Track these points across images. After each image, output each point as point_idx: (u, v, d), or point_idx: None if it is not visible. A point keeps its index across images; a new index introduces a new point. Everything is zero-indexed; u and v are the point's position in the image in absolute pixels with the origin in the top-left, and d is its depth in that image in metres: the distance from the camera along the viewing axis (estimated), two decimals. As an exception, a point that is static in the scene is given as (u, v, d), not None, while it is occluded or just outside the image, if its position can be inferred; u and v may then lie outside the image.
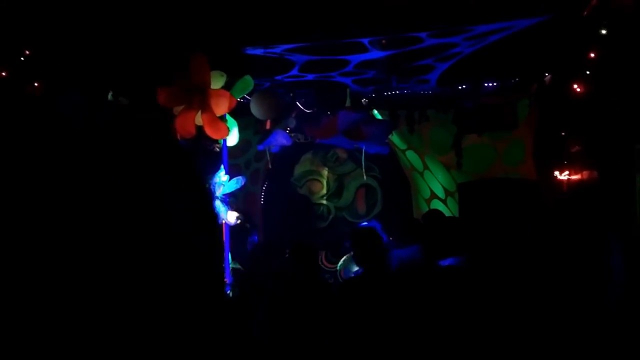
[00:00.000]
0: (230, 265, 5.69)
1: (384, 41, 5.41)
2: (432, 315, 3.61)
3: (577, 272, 4.90)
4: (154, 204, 1.99)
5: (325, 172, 8.34)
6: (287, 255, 4.15)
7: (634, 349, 3.99)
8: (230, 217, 5.65)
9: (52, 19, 4.18)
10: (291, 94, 7.00)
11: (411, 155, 7.73)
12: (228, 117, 5.53)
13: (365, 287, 3.56)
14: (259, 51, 5.57)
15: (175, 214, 2.05)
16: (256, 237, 7.27)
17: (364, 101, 7.00)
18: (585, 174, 5.91)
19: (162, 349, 1.84)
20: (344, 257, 7.14)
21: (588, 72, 5.40)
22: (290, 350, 3.59)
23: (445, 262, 4.22)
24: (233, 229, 5.83)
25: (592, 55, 5.20)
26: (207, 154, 5.79)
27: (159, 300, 1.91)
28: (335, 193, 8.31)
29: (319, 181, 8.36)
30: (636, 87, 4.82)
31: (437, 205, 7.49)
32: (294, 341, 3.61)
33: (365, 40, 5.31)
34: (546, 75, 6.18)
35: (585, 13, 4.83)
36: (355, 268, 5.84)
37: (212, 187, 5.47)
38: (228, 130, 5.31)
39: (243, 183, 5.91)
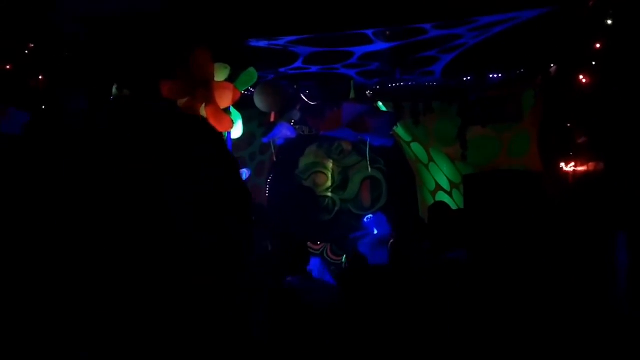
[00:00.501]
0: None
1: (388, 32, 5.38)
2: (437, 307, 3.61)
3: (581, 266, 4.88)
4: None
5: (330, 164, 8.33)
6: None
7: (636, 345, 3.98)
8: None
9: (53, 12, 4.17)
10: (295, 86, 6.99)
11: (416, 148, 7.71)
12: (232, 109, 5.53)
13: (367, 280, 3.57)
14: (262, 43, 5.56)
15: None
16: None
17: (369, 93, 6.98)
18: (592, 165, 5.87)
19: (162, 346, 1.85)
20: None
21: (594, 63, 5.35)
22: (290, 350, 3.59)
23: (451, 255, 4.22)
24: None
25: (598, 45, 5.16)
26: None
27: (164, 297, 1.92)
28: (340, 185, 8.30)
29: (324, 174, 8.35)
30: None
31: (442, 197, 7.48)
32: (293, 341, 3.60)
33: (369, 32, 5.29)
34: (552, 67, 6.14)
35: (591, 3, 4.79)
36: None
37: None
38: (232, 122, 5.31)
39: (248, 176, 5.92)
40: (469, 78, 6.60)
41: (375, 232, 7.46)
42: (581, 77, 5.45)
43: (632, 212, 4.87)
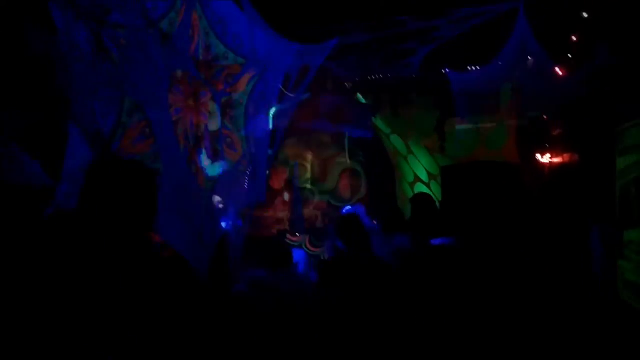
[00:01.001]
0: None
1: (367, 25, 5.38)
2: (427, 293, 3.62)
3: (558, 255, 4.96)
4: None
5: (309, 156, 8.31)
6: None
7: (609, 331, 4.06)
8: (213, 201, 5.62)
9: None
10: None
11: (395, 140, 7.74)
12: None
13: (351, 270, 3.57)
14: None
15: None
16: (240, 222, 7.24)
17: (348, 85, 6.98)
18: (567, 156, 5.96)
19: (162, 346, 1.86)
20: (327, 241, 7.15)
21: (570, 56, 5.42)
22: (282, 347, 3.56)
23: (437, 242, 4.23)
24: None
25: (574, 38, 5.22)
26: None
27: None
28: (319, 177, 8.30)
29: (303, 165, 8.33)
30: (617, 70, 4.85)
31: (420, 188, 7.53)
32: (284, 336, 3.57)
33: (349, 25, 5.28)
34: (529, 59, 6.19)
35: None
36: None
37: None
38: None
39: (226, 168, 5.85)
40: (447, 70, 6.64)
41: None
42: (557, 69, 5.52)
43: (603, 204, 4.96)
